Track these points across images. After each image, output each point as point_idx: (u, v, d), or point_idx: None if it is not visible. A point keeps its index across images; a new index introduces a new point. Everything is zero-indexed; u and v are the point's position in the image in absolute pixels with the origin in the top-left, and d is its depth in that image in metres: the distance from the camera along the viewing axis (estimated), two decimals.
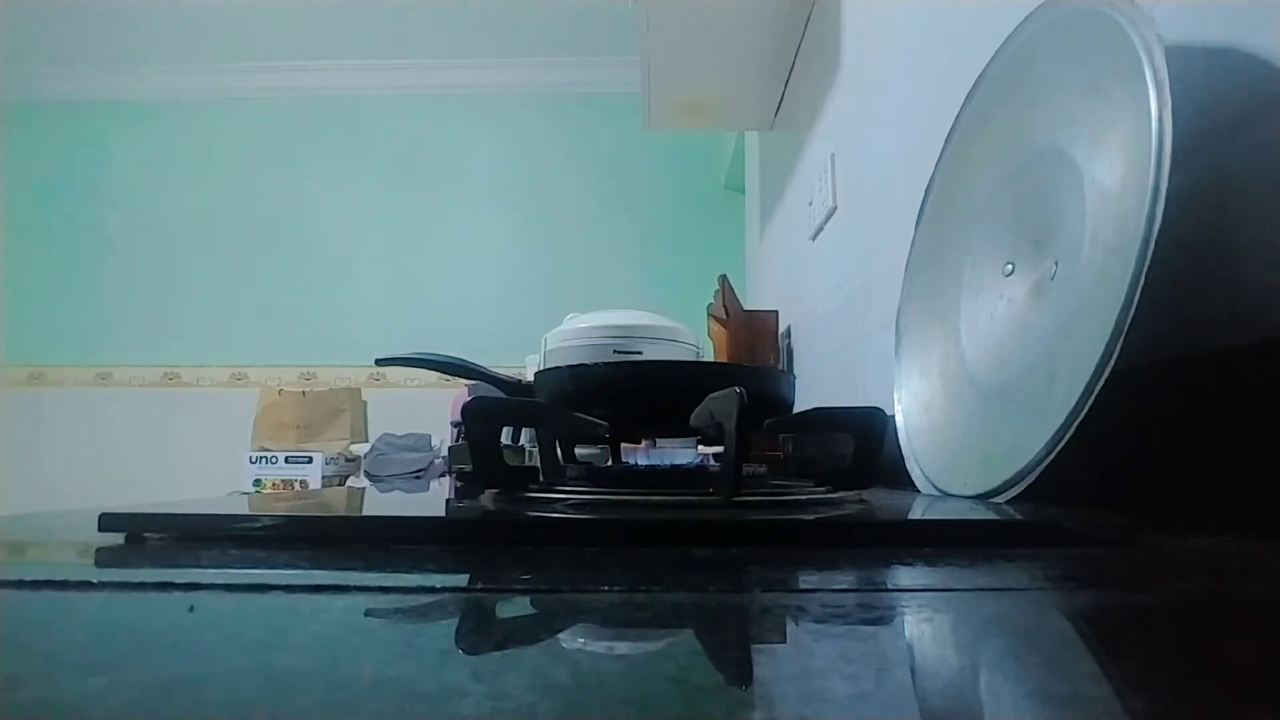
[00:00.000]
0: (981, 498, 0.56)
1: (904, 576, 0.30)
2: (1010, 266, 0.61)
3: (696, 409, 0.50)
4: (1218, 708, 0.15)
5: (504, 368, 0.78)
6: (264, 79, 3.43)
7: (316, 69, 3.37)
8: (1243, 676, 0.18)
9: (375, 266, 3.40)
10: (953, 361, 0.67)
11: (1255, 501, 0.42)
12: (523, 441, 1.01)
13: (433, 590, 0.27)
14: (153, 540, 0.37)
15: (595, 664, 0.18)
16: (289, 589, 0.27)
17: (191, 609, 0.24)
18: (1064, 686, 0.16)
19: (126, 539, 0.37)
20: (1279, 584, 0.29)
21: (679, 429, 0.65)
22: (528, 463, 0.87)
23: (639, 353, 1.08)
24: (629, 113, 2.20)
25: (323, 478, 2.55)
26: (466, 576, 0.31)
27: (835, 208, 1.43)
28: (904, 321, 0.78)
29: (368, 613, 0.23)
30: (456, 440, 1.75)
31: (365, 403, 2.87)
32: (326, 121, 3.47)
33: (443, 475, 2.25)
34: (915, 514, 0.50)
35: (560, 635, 0.22)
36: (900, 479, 0.70)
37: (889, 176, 1.13)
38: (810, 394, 1.38)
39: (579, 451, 0.71)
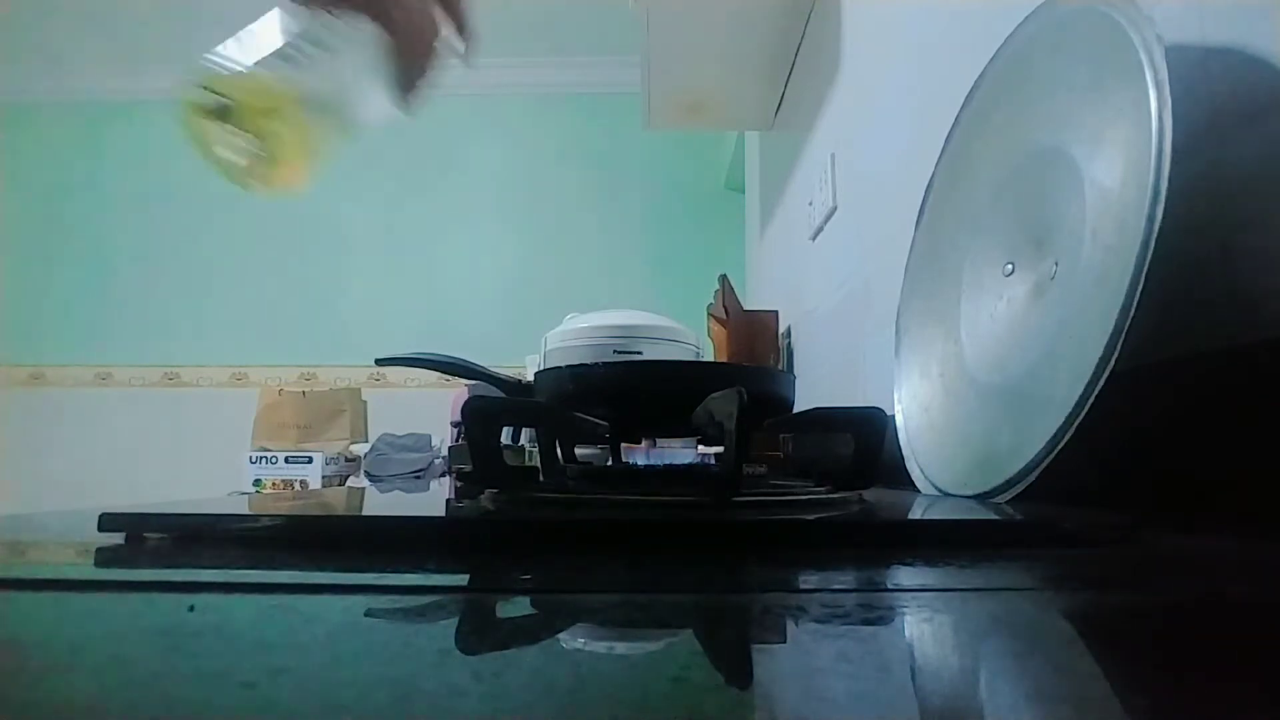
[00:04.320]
0: (981, 498, 0.56)
1: (904, 576, 0.30)
2: (1010, 266, 0.61)
3: (696, 409, 0.50)
4: (1217, 708, 0.15)
5: (504, 368, 0.78)
6: None
7: None
8: (1242, 676, 0.18)
9: (375, 266, 3.40)
10: (953, 361, 0.67)
11: (1255, 501, 0.42)
12: (523, 441, 1.01)
13: (433, 590, 0.27)
14: (153, 540, 0.37)
15: (595, 664, 0.18)
16: (289, 589, 0.27)
17: (191, 609, 0.24)
18: (1064, 686, 0.16)
19: (126, 539, 0.37)
20: (1278, 584, 0.29)
21: (679, 429, 0.64)
22: (528, 463, 0.87)
23: (639, 353, 1.08)
24: (629, 113, 2.20)
25: (323, 478, 2.55)
26: (466, 576, 0.31)
27: (835, 208, 1.43)
28: (904, 321, 0.78)
29: (368, 613, 0.23)
30: (456, 440, 1.75)
31: (365, 403, 2.87)
32: None
33: (443, 475, 2.25)
34: (915, 514, 0.50)
35: (560, 635, 0.22)
36: (900, 479, 0.70)
37: (889, 176, 1.13)
38: (810, 394, 1.38)
39: (579, 451, 0.71)
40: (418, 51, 0.57)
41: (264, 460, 2.57)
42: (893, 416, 0.70)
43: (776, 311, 1.62)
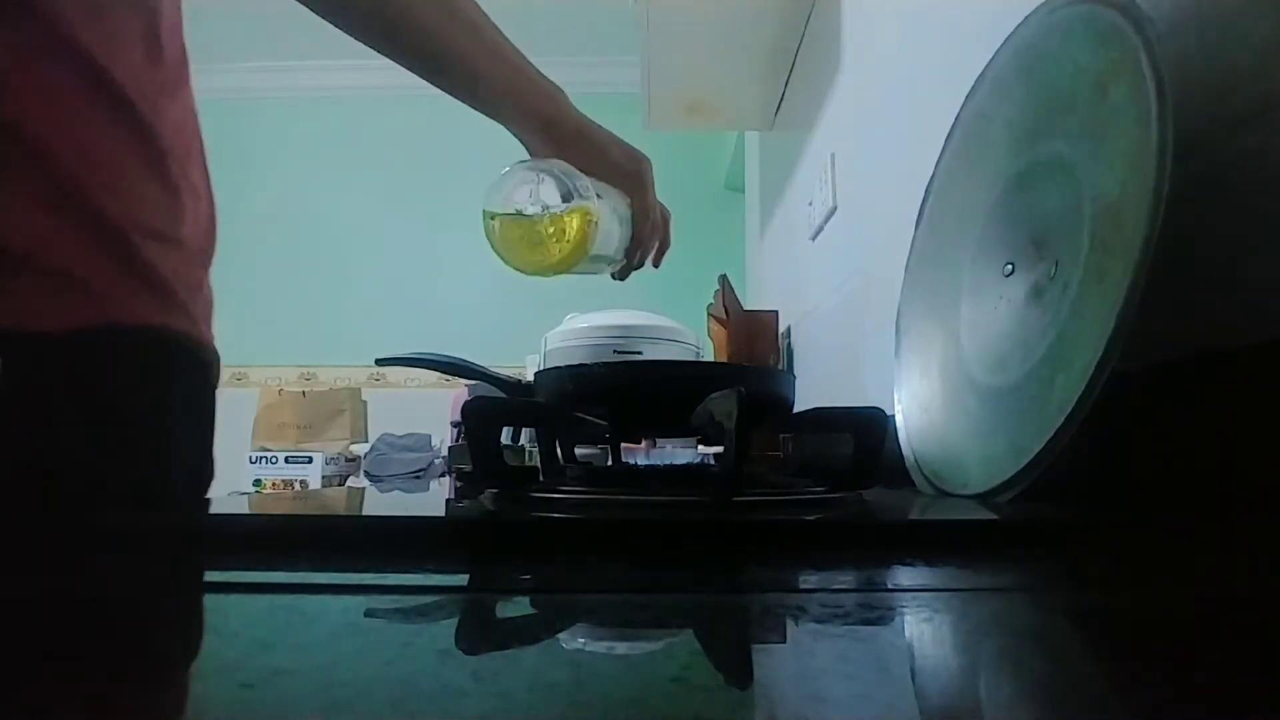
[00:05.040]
0: (981, 498, 0.56)
1: (904, 576, 0.30)
2: (1010, 266, 0.61)
3: (696, 409, 0.50)
4: (1217, 708, 0.15)
5: (504, 368, 0.78)
6: (264, 79, 3.43)
7: (316, 69, 3.37)
8: (1241, 677, 0.18)
9: (375, 266, 3.40)
10: (953, 362, 0.67)
11: (1255, 501, 0.42)
12: (523, 441, 1.01)
13: (433, 590, 0.27)
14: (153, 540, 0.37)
15: (595, 664, 0.18)
16: (289, 589, 0.27)
17: (192, 609, 0.24)
18: (1064, 686, 0.16)
19: None
20: (1279, 584, 0.29)
21: (679, 429, 0.64)
22: (528, 463, 0.87)
23: (639, 353, 1.08)
24: (629, 113, 2.21)
25: (323, 478, 2.55)
26: (466, 576, 0.31)
27: (835, 208, 1.43)
28: (904, 321, 0.78)
29: (368, 613, 0.23)
30: (456, 440, 1.75)
31: (365, 403, 2.87)
32: (327, 121, 3.47)
33: (443, 475, 2.25)
34: (915, 514, 0.50)
35: (560, 635, 0.22)
36: (900, 479, 0.70)
37: (889, 176, 1.13)
38: (810, 394, 1.38)
39: (579, 451, 0.71)
40: (643, 242, 0.72)
41: (264, 460, 2.57)
42: (893, 416, 0.70)
43: (776, 311, 1.62)
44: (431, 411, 2.48)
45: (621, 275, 0.75)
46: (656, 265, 0.79)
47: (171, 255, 0.60)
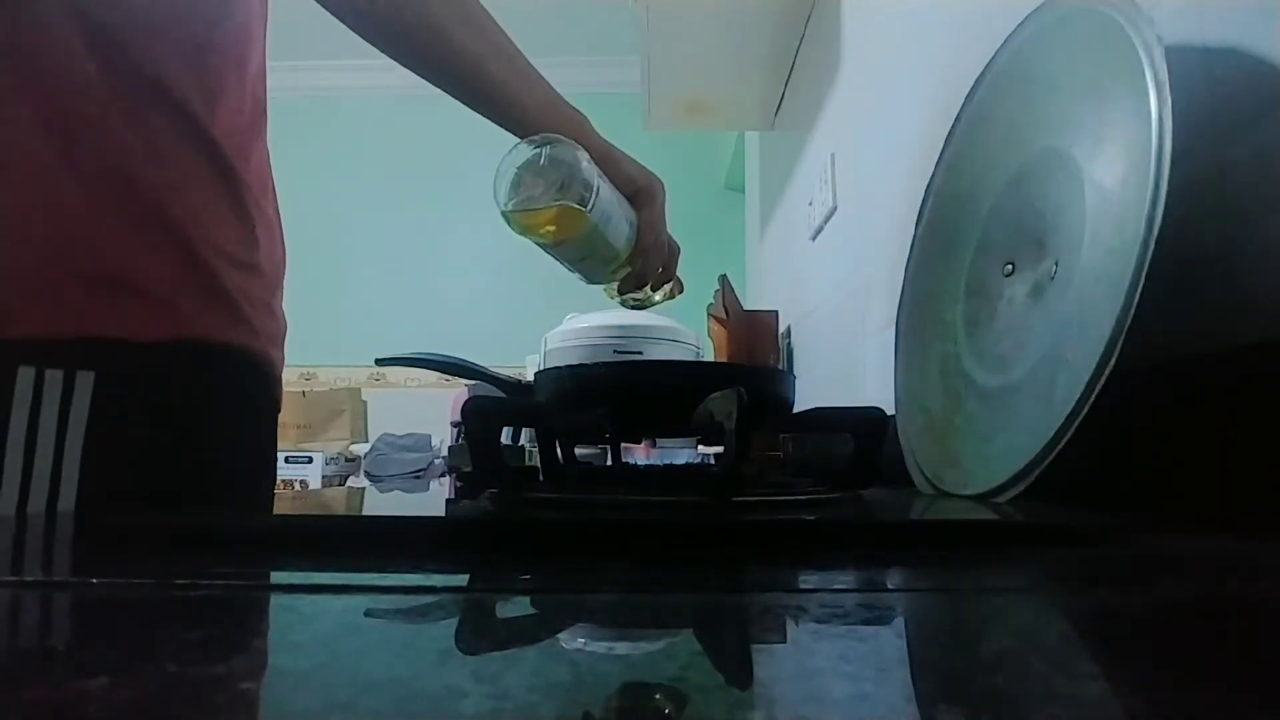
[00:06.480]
0: (981, 498, 0.56)
1: (904, 576, 0.30)
2: (1010, 266, 0.61)
3: (696, 409, 0.50)
4: (1218, 708, 0.15)
5: (504, 368, 0.78)
6: None
7: (316, 69, 3.37)
8: (1243, 676, 0.18)
9: (375, 266, 3.40)
10: (952, 361, 0.67)
11: (1255, 501, 0.42)
12: (523, 441, 1.01)
13: (433, 590, 0.27)
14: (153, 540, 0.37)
15: (595, 664, 0.18)
16: (289, 589, 0.27)
17: (190, 609, 0.24)
18: (1064, 686, 0.16)
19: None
20: (1278, 584, 0.29)
21: (679, 429, 0.64)
22: (528, 463, 0.87)
23: (639, 353, 1.08)
24: (629, 113, 2.21)
25: (323, 478, 2.55)
26: (466, 576, 0.31)
27: (835, 208, 1.43)
28: (904, 321, 0.78)
29: (368, 613, 0.23)
30: (456, 440, 1.75)
31: (365, 403, 2.87)
32: (327, 121, 3.47)
33: (443, 475, 2.25)
34: (915, 514, 0.50)
35: (560, 635, 0.22)
36: (900, 479, 0.70)
37: (889, 176, 1.13)
38: (810, 394, 1.38)
39: (579, 451, 0.71)
40: (646, 253, 0.74)
41: None
42: (893, 416, 0.70)
43: (776, 311, 1.62)
44: (431, 411, 2.48)
45: (623, 287, 0.77)
46: (654, 288, 0.81)
47: (246, 279, 0.67)
